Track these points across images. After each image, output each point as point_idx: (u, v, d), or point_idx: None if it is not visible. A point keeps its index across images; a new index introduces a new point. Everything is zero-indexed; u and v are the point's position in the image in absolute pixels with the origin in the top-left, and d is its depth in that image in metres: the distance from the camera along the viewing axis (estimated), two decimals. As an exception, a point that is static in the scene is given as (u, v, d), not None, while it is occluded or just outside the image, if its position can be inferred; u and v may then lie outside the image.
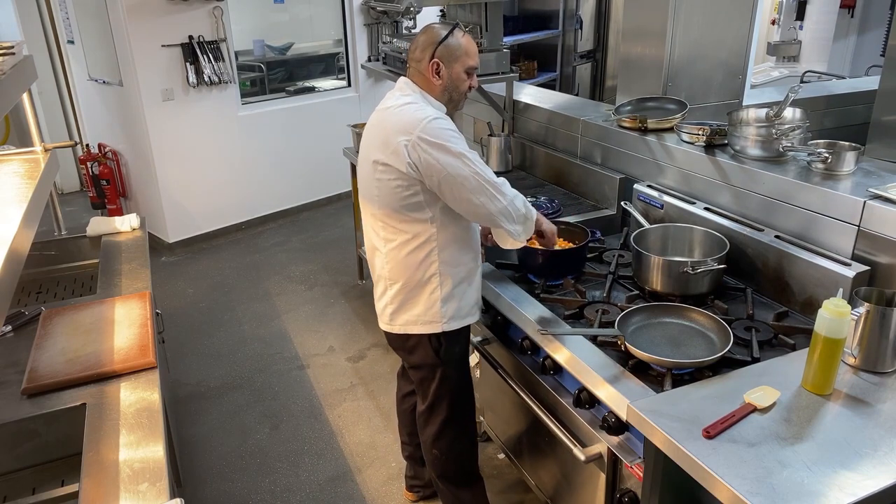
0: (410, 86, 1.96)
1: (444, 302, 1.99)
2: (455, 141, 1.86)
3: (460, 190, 1.85)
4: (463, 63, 1.94)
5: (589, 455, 1.79)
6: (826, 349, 1.52)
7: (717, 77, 2.88)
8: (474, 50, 1.96)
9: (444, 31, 1.93)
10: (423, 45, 1.93)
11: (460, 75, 1.94)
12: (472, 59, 1.96)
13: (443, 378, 2.09)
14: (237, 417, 3.13)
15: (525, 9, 6.16)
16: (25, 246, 1.58)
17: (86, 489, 1.48)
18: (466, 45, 1.93)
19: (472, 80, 1.99)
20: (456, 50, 1.92)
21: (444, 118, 1.91)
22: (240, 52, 5.13)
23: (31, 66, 2.33)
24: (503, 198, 1.90)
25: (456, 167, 1.84)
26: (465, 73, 1.95)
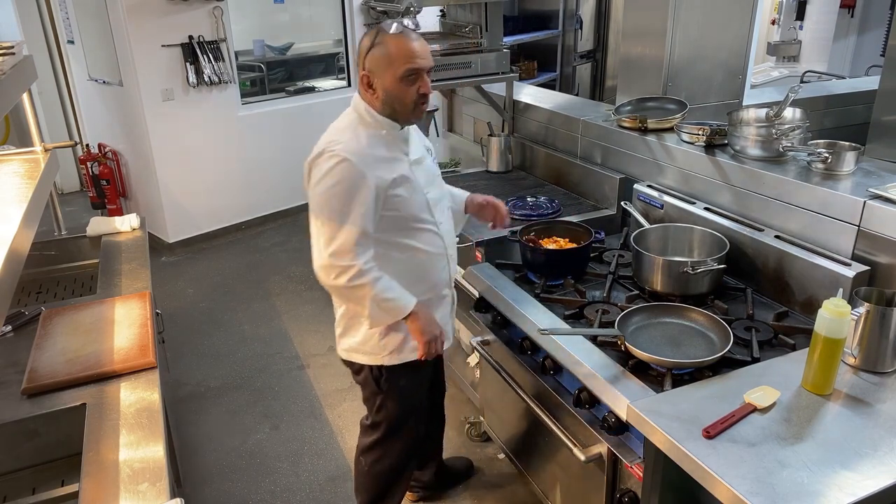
0: (355, 102, 1.83)
1: (383, 335, 1.91)
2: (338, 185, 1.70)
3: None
4: (395, 71, 1.69)
5: (589, 455, 1.79)
6: (826, 349, 1.52)
7: (717, 77, 2.88)
8: (409, 51, 1.68)
9: (373, 33, 1.72)
10: (358, 53, 1.77)
11: (396, 85, 1.70)
12: (406, 63, 1.69)
13: (381, 406, 2.04)
14: (237, 417, 3.13)
15: (525, 9, 6.15)
16: (25, 246, 1.58)
17: (86, 489, 1.48)
18: (395, 49, 1.68)
19: (422, 86, 1.73)
20: (383, 58, 1.69)
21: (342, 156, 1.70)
22: (240, 52, 5.13)
23: (31, 66, 2.34)
24: (322, 255, 1.74)
25: (312, 207, 1.75)
26: (401, 81, 1.70)
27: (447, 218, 1.97)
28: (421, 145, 1.95)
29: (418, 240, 1.87)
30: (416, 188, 1.82)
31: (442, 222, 1.92)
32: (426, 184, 1.88)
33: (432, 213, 1.88)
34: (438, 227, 1.90)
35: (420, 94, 1.73)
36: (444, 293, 1.99)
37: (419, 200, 1.84)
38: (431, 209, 1.88)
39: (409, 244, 1.85)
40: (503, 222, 2.10)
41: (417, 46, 1.70)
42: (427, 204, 1.86)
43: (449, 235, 1.96)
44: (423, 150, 1.92)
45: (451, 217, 2.01)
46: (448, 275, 1.98)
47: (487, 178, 3.31)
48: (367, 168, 1.71)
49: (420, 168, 1.87)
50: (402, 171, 1.79)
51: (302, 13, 5.77)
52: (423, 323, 1.82)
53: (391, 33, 1.70)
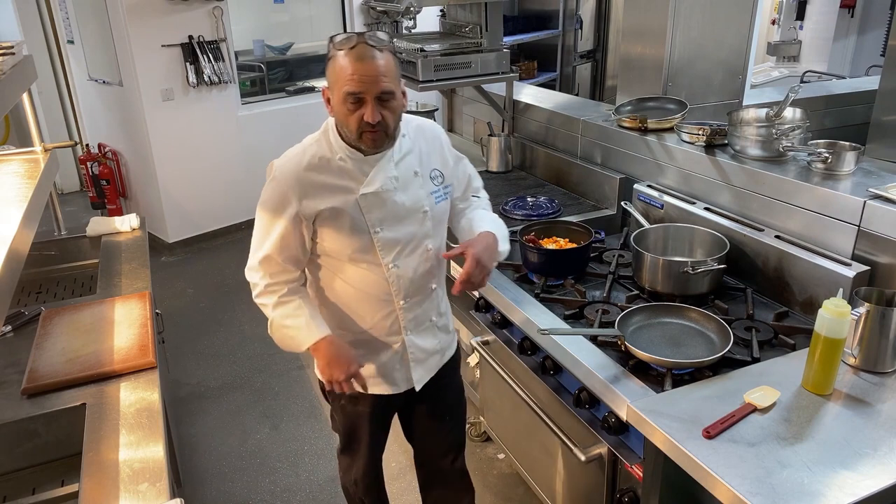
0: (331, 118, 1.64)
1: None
2: (263, 203, 1.62)
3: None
4: (339, 89, 1.48)
5: (589, 455, 1.79)
6: (826, 349, 1.52)
7: (717, 77, 2.88)
8: (352, 70, 1.45)
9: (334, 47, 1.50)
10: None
11: (339, 107, 1.51)
12: (345, 85, 1.46)
13: (332, 415, 1.97)
14: (237, 417, 3.13)
15: (525, 9, 6.15)
16: (25, 246, 1.59)
17: (86, 489, 1.48)
18: (339, 66, 1.47)
19: (364, 113, 1.48)
20: (330, 73, 1.51)
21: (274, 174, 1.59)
22: (240, 52, 5.13)
23: (31, 66, 2.34)
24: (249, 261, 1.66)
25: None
26: (343, 103, 1.49)
27: (416, 260, 1.69)
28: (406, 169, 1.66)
29: (351, 278, 1.67)
30: (354, 224, 1.60)
31: (398, 265, 1.66)
32: (385, 220, 1.62)
33: (380, 253, 1.63)
34: (388, 270, 1.65)
35: (362, 123, 1.49)
36: (388, 341, 1.75)
37: (359, 238, 1.61)
38: (380, 249, 1.63)
39: (342, 278, 1.68)
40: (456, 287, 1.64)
41: (363, 66, 1.45)
42: (372, 243, 1.62)
43: (406, 281, 1.68)
44: (390, 181, 1.61)
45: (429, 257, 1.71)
46: (396, 323, 1.73)
47: (487, 178, 3.31)
48: (293, 193, 1.57)
49: (377, 201, 1.60)
50: (337, 202, 1.58)
51: (302, 13, 5.77)
52: (323, 362, 1.64)
53: (339, 44, 1.48)
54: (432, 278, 1.76)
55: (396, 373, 1.80)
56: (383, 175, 1.60)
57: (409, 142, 1.68)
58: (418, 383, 1.82)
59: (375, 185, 1.59)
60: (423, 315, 1.77)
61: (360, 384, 1.67)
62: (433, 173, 1.72)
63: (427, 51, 3.14)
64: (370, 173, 1.59)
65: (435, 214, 1.71)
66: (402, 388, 1.82)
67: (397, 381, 1.81)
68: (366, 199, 1.59)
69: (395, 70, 1.51)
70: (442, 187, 1.73)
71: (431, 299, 1.78)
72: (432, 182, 1.71)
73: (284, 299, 1.65)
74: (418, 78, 3.08)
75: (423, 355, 1.81)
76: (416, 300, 1.73)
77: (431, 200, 1.69)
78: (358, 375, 1.65)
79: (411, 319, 1.75)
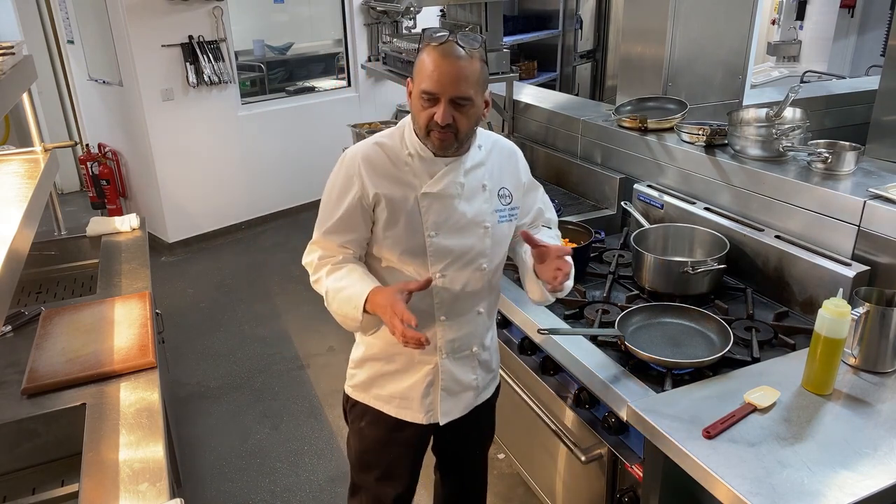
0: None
1: (357, 363, 1.73)
2: (331, 189, 1.57)
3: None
4: (418, 83, 1.45)
5: (589, 455, 1.79)
6: (826, 349, 1.52)
7: (717, 77, 2.88)
8: (433, 69, 1.40)
9: (424, 39, 1.47)
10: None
11: (415, 101, 1.47)
12: (423, 82, 1.42)
13: (349, 439, 1.82)
14: (237, 417, 3.13)
15: (525, 9, 6.15)
16: (25, 246, 1.58)
17: (86, 489, 1.48)
18: (424, 62, 1.43)
19: (436, 113, 1.42)
20: (416, 67, 1.47)
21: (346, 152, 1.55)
22: (240, 52, 5.13)
23: (31, 66, 2.34)
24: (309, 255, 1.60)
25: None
26: (420, 98, 1.45)
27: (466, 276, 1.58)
28: (475, 181, 1.57)
29: (395, 281, 1.56)
30: (410, 223, 1.53)
31: (445, 276, 1.56)
32: (441, 225, 1.54)
33: (430, 259, 1.54)
34: (435, 279, 1.55)
35: (430, 122, 1.44)
36: (421, 360, 1.64)
37: (412, 238, 1.53)
38: (430, 255, 1.54)
39: (386, 279, 1.59)
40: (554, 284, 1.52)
41: (445, 66, 1.40)
42: (424, 247, 1.54)
43: (451, 295, 1.58)
44: (455, 186, 1.54)
45: (480, 278, 1.60)
46: (432, 342, 1.59)
47: (487, 178, 3.31)
48: (357, 176, 1.52)
49: (438, 204, 1.53)
50: (397, 194, 1.52)
51: (302, 13, 5.77)
52: (386, 315, 1.41)
53: (432, 42, 1.43)
54: (480, 301, 1.64)
55: (425, 399, 1.67)
56: (450, 178, 1.53)
57: (483, 153, 1.60)
58: (444, 416, 1.68)
59: (440, 185, 1.52)
60: (463, 341, 1.65)
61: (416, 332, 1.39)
62: (502, 191, 1.63)
63: (427, 51, 3.14)
64: (437, 174, 1.53)
65: (495, 233, 1.60)
66: (427, 419, 1.68)
67: (423, 408, 1.67)
68: (426, 199, 1.52)
69: (479, 76, 1.44)
70: (508, 208, 1.63)
71: (476, 325, 1.66)
72: (499, 200, 1.62)
73: (337, 266, 1.55)
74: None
75: (456, 387, 1.68)
76: (458, 321, 1.62)
77: (494, 218, 1.60)
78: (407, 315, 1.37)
79: (450, 341, 1.63)
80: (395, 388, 1.67)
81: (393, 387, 1.67)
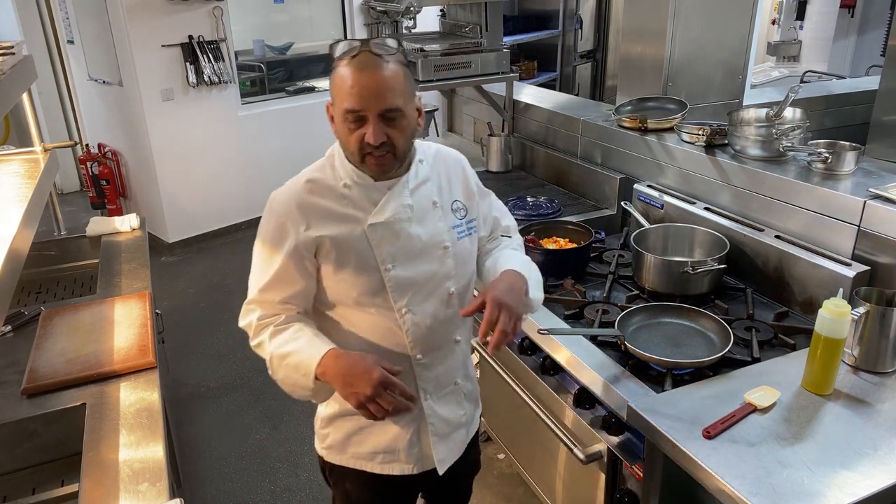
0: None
1: (326, 421, 1.55)
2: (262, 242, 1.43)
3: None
4: (338, 104, 1.29)
5: (589, 455, 1.79)
6: (826, 349, 1.52)
7: (717, 77, 2.88)
8: (351, 84, 1.25)
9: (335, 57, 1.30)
10: None
11: (340, 125, 1.31)
12: (344, 101, 1.27)
13: (333, 500, 1.67)
14: (237, 417, 3.13)
15: (525, 9, 6.16)
16: (25, 246, 1.59)
17: (86, 489, 1.48)
18: (339, 79, 1.28)
19: (366, 133, 1.27)
20: (333, 85, 1.30)
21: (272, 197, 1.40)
22: (240, 52, 5.13)
23: (31, 66, 2.34)
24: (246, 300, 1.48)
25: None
26: (344, 121, 1.29)
27: (435, 305, 1.43)
28: (423, 199, 1.43)
29: (358, 326, 1.42)
30: (361, 260, 1.37)
31: (412, 310, 1.40)
32: (398, 255, 1.38)
33: (392, 295, 1.39)
34: (401, 316, 1.40)
35: (363, 144, 1.29)
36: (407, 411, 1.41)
37: (367, 277, 1.37)
38: (391, 290, 1.38)
39: (348, 327, 1.43)
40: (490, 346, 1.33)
41: (365, 78, 1.25)
42: (382, 282, 1.38)
43: (423, 330, 1.42)
44: (404, 210, 1.39)
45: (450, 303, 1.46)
46: (412, 384, 1.44)
47: (487, 178, 3.31)
48: (291, 222, 1.36)
49: (388, 233, 1.38)
50: (341, 232, 1.36)
51: (302, 13, 5.77)
52: (339, 384, 1.29)
53: (341, 55, 1.28)
54: (455, 329, 1.50)
55: (414, 448, 1.50)
56: (396, 203, 1.38)
57: (426, 168, 1.46)
58: (441, 464, 1.52)
59: (386, 213, 1.37)
60: (445, 375, 1.50)
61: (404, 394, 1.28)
62: (455, 205, 1.49)
63: (427, 51, 3.15)
64: (381, 202, 1.37)
65: (457, 252, 1.46)
66: (420, 467, 1.52)
67: (413, 457, 1.51)
68: (375, 231, 1.37)
69: (404, 83, 1.29)
70: (465, 221, 1.50)
71: (455, 355, 1.51)
72: (454, 215, 1.48)
73: (281, 327, 1.40)
74: (418, 78, 3.09)
75: (446, 428, 1.53)
76: (435, 355, 1.47)
77: (453, 235, 1.46)
78: (393, 384, 1.26)
79: (431, 380, 1.48)
80: (377, 441, 1.50)
81: (374, 441, 1.50)
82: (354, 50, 1.27)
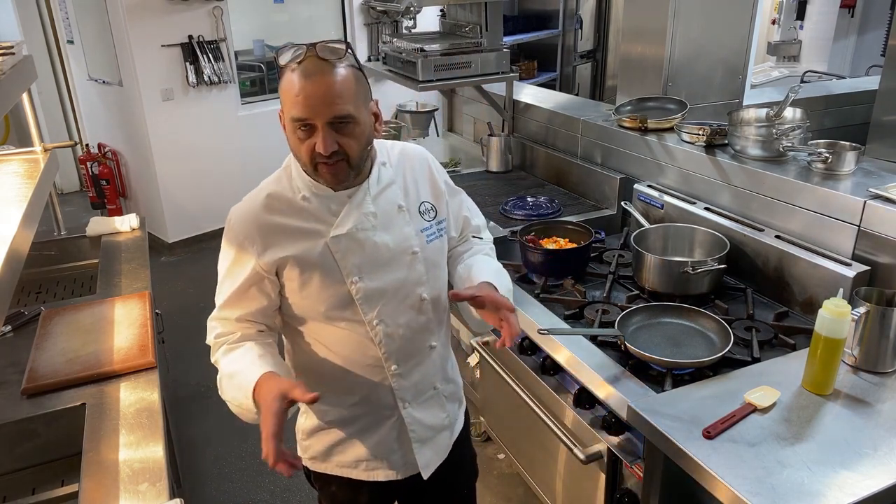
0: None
1: (307, 434, 1.53)
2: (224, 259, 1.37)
3: None
4: (286, 114, 1.24)
5: (589, 455, 1.79)
6: (826, 349, 1.52)
7: (717, 77, 2.87)
8: (297, 91, 1.19)
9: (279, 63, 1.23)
10: None
11: (290, 132, 1.25)
12: (293, 108, 1.20)
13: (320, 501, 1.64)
14: (237, 417, 3.12)
15: (525, 9, 6.15)
16: (25, 246, 1.59)
17: (86, 489, 1.48)
18: (285, 86, 1.22)
19: (316, 143, 1.22)
20: (281, 93, 1.25)
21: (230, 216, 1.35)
22: (240, 52, 5.13)
23: (30, 66, 2.34)
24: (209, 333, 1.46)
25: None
26: (294, 130, 1.24)
27: (407, 314, 1.40)
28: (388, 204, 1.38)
29: (329, 341, 1.38)
30: (326, 275, 1.32)
31: (383, 321, 1.37)
32: (364, 266, 1.34)
33: (361, 308, 1.35)
34: (372, 328, 1.36)
35: (314, 154, 1.23)
36: (382, 416, 1.46)
37: (333, 291, 1.33)
38: (360, 302, 1.34)
39: (318, 343, 1.40)
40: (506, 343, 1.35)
41: (311, 86, 1.18)
42: (350, 296, 1.34)
43: (396, 340, 1.39)
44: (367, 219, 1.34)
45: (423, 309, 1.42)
46: (389, 394, 1.43)
47: (487, 178, 3.31)
48: (250, 242, 1.31)
49: (352, 244, 1.33)
50: (302, 249, 1.31)
51: (302, 13, 5.76)
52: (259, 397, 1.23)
53: (284, 59, 1.22)
54: (430, 335, 1.45)
55: (394, 454, 1.49)
56: (357, 212, 1.33)
57: (390, 171, 1.40)
58: (425, 469, 1.51)
59: (347, 224, 1.32)
60: (423, 382, 1.47)
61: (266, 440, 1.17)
62: (423, 207, 1.43)
63: (427, 51, 3.14)
64: (341, 212, 1.32)
65: (428, 256, 1.41)
66: (404, 473, 1.52)
67: (396, 464, 1.50)
68: (338, 243, 1.32)
69: (354, 88, 1.23)
70: (435, 223, 1.44)
71: (432, 361, 1.47)
72: (422, 217, 1.42)
73: (233, 346, 1.35)
74: (418, 78, 3.09)
75: (428, 433, 1.50)
76: (411, 364, 1.43)
77: (422, 239, 1.40)
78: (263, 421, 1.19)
79: (409, 388, 1.44)
80: (359, 451, 1.48)
81: (356, 451, 1.48)
82: (300, 55, 1.20)
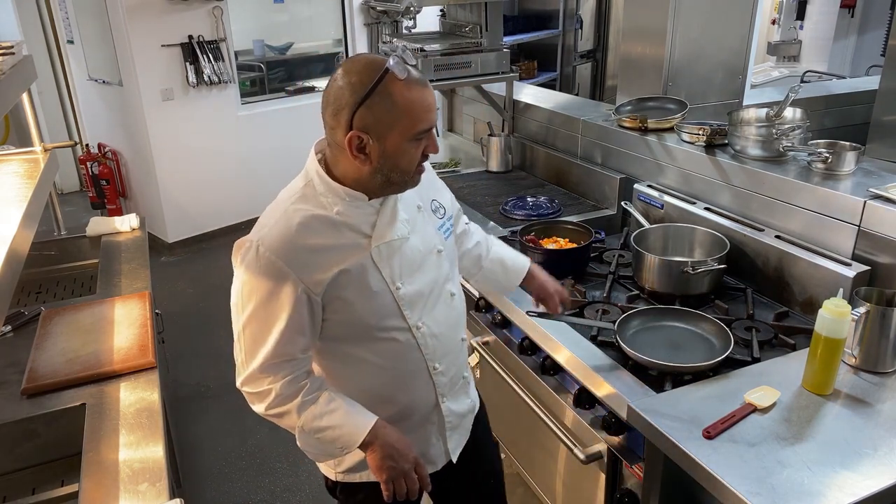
0: (307, 167, 1.34)
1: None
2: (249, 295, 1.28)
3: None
4: (405, 130, 1.20)
5: (589, 455, 1.79)
6: (826, 349, 1.52)
7: (717, 77, 2.87)
8: (425, 104, 1.20)
9: (369, 76, 1.18)
10: (335, 101, 1.23)
11: (400, 147, 1.22)
12: (420, 122, 1.20)
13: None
14: (237, 417, 3.13)
15: (525, 9, 6.15)
16: (25, 246, 1.59)
17: (86, 489, 1.48)
18: (406, 102, 1.18)
19: (429, 146, 1.25)
20: (387, 114, 1.18)
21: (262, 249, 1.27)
22: (240, 51, 5.13)
23: (30, 66, 2.34)
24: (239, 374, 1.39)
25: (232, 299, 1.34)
26: (410, 142, 1.22)
27: (442, 311, 1.43)
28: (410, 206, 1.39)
29: (381, 354, 1.38)
30: (374, 285, 1.31)
31: (425, 323, 1.39)
32: (403, 272, 1.34)
33: (405, 313, 1.36)
34: (416, 332, 1.38)
35: (424, 159, 1.27)
36: (425, 415, 1.49)
37: (381, 301, 1.32)
38: (404, 308, 1.35)
39: (368, 359, 1.38)
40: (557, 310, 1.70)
41: (431, 97, 1.22)
42: (395, 303, 1.34)
43: (437, 339, 1.42)
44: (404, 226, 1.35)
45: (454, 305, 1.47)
46: (432, 393, 1.46)
47: (487, 178, 3.31)
48: (292, 267, 1.24)
49: (391, 251, 1.32)
50: (348, 264, 1.27)
51: (302, 13, 5.77)
52: (381, 454, 1.31)
53: (399, 79, 1.18)
54: (460, 329, 1.50)
55: (433, 448, 1.53)
56: (397, 220, 1.33)
57: None
58: (454, 452, 1.57)
59: (388, 232, 1.31)
60: (456, 374, 1.52)
61: (423, 481, 1.36)
62: (433, 205, 1.46)
63: (427, 51, 3.14)
64: (376, 219, 1.31)
65: (449, 253, 1.45)
66: (440, 463, 1.56)
67: (434, 457, 1.54)
68: (380, 252, 1.30)
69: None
70: (447, 220, 1.48)
71: (461, 352, 1.52)
72: (435, 215, 1.45)
73: (309, 397, 1.33)
74: (418, 78, 3.08)
75: (458, 420, 1.56)
76: (447, 359, 1.46)
77: (441, 237, 1.43)
78: (422, 466, 1.36)
79: (447, 384, 1.48)
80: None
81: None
82: (405, 69, 1.19)
